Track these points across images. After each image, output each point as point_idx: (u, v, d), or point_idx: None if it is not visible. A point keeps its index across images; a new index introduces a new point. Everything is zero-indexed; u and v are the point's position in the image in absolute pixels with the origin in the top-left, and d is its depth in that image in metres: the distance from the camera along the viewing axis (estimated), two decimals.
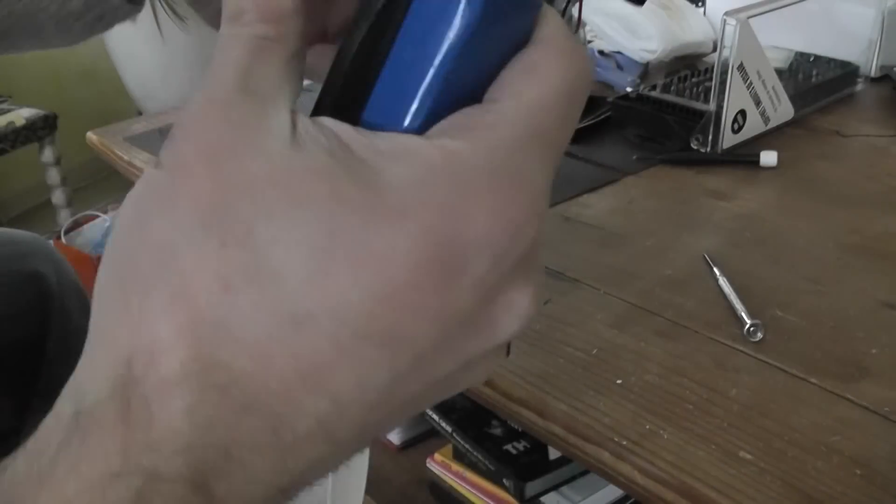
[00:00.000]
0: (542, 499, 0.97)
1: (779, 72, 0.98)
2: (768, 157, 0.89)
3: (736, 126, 0.93)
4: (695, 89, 1.02)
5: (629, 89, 1.09)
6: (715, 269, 0.68)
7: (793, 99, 0.99)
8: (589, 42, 1.41)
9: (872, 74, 1.11)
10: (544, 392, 0.57)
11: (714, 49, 1.28)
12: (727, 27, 0.88)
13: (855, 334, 0.60)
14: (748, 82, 0.92)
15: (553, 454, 0.98)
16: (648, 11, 1.26)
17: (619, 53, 1.30)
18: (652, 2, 1.28)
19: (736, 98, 0.91)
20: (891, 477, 0.46)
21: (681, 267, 0.71)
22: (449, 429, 1.06)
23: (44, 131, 2.34)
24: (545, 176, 0.22)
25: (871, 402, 0.52)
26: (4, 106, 2.35)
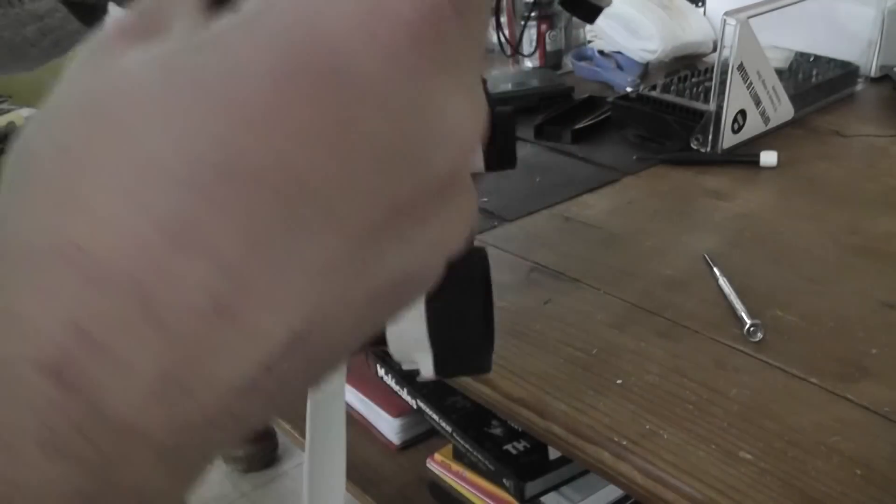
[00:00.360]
0: (542, 499, 0.97)
1: (779, 72, 0.98)
2: (768, 157, 0.89)
3: (736, 126, 0.93)
4: (695, 89, 1.02)
5: (629, 89, 1.09)
6: (715, 269, 0.68)
7: (793, 99, 0.99)
8: (589, 42, 1.42)
9: (872, 74, 1.11)
10: (544, 392, 0.57)
11: (714, 49, 1.28)
12: (727, 27, 0.88)
13: (855, 334, 0.60)
14: (748, 82, 0.92)
15: (553, 454, 0.98)
16: (648, 11, 1.26)
17: (619, 53, 1.30)
18: (652, 2, 1.28)
19: (736, 98, 0.91)
20: (891, 477, 0.46)
21: (681, 267, 0.71)
22: (449, 429, 1.06)
23: None
24: None
25: (871, 402, 0.52)
26: (4, 106, 2.35)
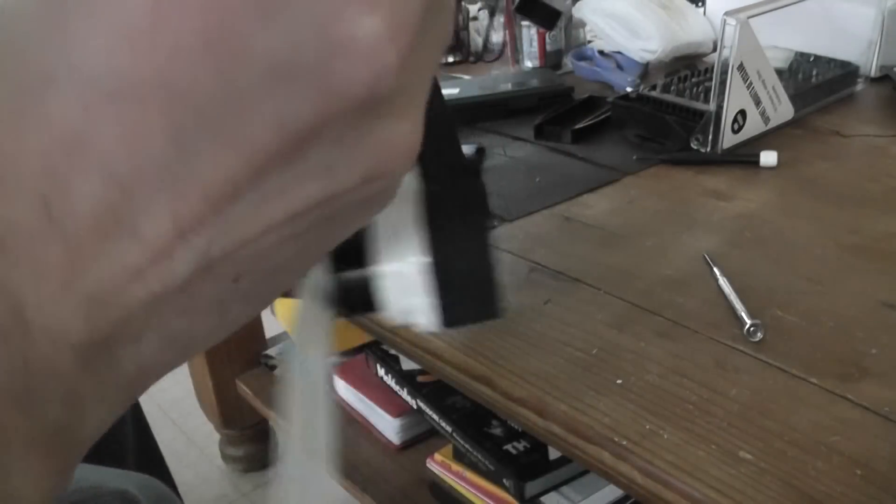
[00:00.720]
0: (542, 499, 0.97)
1: (779, 72, 0.98)
2: (768, 157, 0.89)
3: (736, 126, 0.93)
4: (695, 89, 1.02)
5: (629, 89, 1.09)
6: (715, 269, 0.68)
7: (793, 99, 0.99)
8: (589, 42, 1.42)
9: (872, 74, 1.11)
10: (544, 392, 0.57)
11: (714, 49, 1.28)
12: (727, 27, 0.88)
13: (855, 334, 0.60)
14: (748, 82, 0.92)
15: (553, 454, 0.98)
16: (648, 11, 1.26)
17: (619, 53, 1.30)
18: (652, 2, 1.28)
19: (736, 98, 0.91)
20: (891, 477, 0.46)
21: (681, 267, 0.71)
22: (449, 429, 1.06)
23: None
24: None
25: (871, 402, 0.52)
26: None
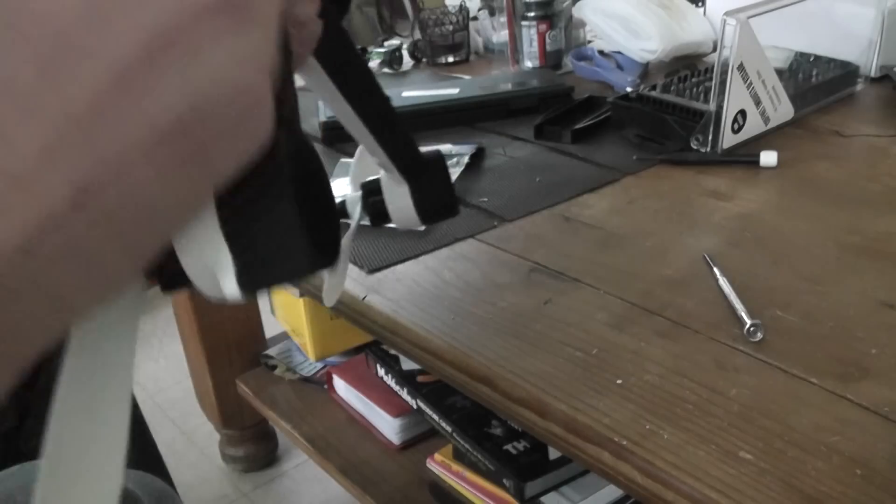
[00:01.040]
0: (542, 499, 0.97)
1: (779, 72, 0.98)
2: (768, 157, 0.89)
3: (736, 126, 0.93)
4: (695, 89, 1.02)
5: (629, 89, 1.09)
6: (715, 269, 0.68)
7: (793, 99, 0.99)
8: (589, 42, 1.42)
9: (872, 74, 1.11)
10: (544, 392, 0.57)
11: (714, 49, 1.28)
12: (727, 27, 0.88)
13: (855, 334, 0.60)
14: (748, 82, 0.92)
15: (553, 454, 0.98)
16: (648, 11, 1.26)
17: (619, 53, 1.30)
18: (652, 2, 1.28)
19: (736, 98, 0.91)
20: (891, 477, 0.46)
21: (681, 267, 0.71)
22: (449, 429, 1.06)
23: None
24: None
25: (871, 402, 0.52)
26: None
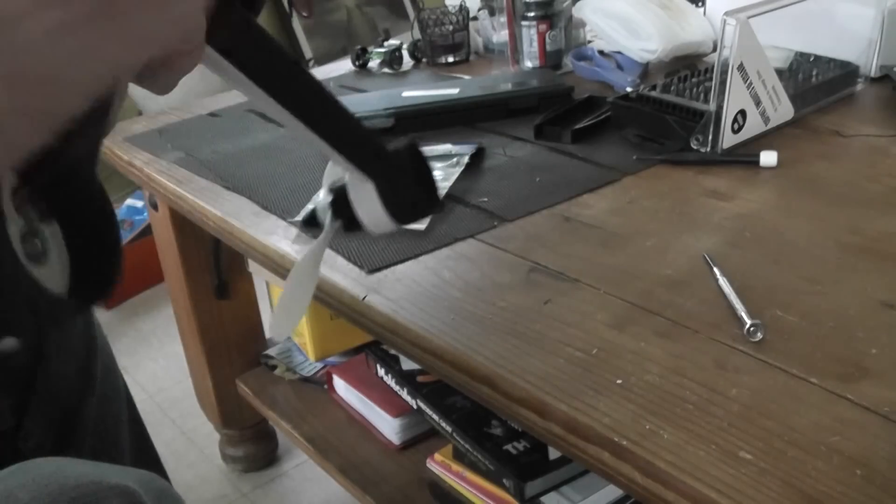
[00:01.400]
0: (542, 499, 0.97)
1: (779, 72, 0.98)
2: (768, 157, 0.89)
3: (736, 126, 0.93)
4: (695, 89, 1.02)
5: (629, 89, 1.09)
6: (715, 269, 0.68)
7: (793, 99, 0.99)
8: (589, 42, 1.42)
9: (872, 74, 1.11)
10: (544, 392, 0.57)
11: (714, 49, 1.28)
12: (727, 27, 0.88)
13: (855, 334, 0.60)
14: (748, 82, 0.92)
15: (553, 454, 0.98)
16: (648, 11, 1.26)
17: (619, 53, 1.30)
18: (652, 2, 1.28)
19: (736, 98, 0.91)
20: (891, 477, 0.46)
21: (681, 267, 0.71)
22: (449, 429, 1.06)
23: None
24: None
25: (871, 402, 0.52)
26: None
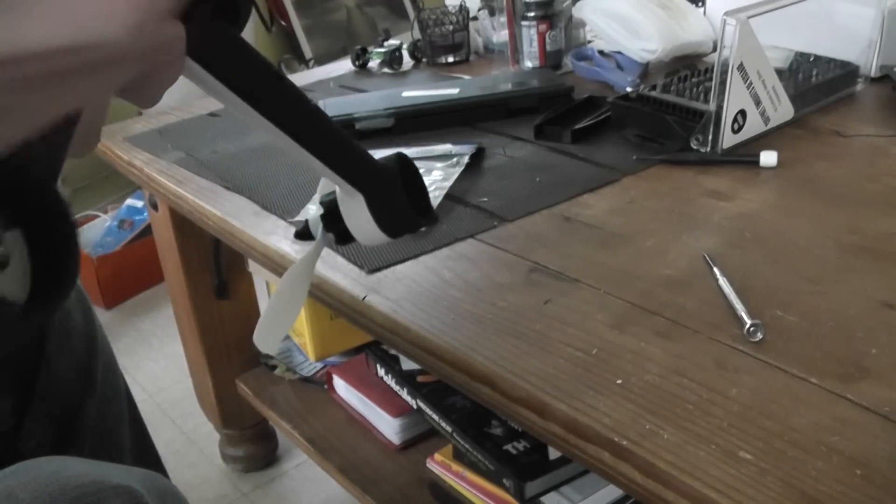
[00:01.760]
0: (542, 499, 0.97)
1: (779, 72, 0.98)
2: (768, 157, 0.89)
3: (736, 126, 0.93)
4: (695, 89, 1.02)
5: (629, 89, 1.09)
6: (715, 269, 0.68)
7: (793, 99, 0.99)
8: (589, 42, 1.42)
9: (872, 74, 1.11)
10: (544, 392, 0.57)
11: (714, 49, 1.28)
12: (727, 27, 0.88)
13: (855, 334, 0.60)
14: (748, 82, 0.92)
15: (553, 454, 0.98)
16: (648, 11, 1.26)
17: (619, 53, 1.30)
18: (652, 2, 1.28)
19: (736, 98, 0.91)
20: (891, 477, 0.46)
21: (681, 267, 0.71)
22: (449, 429, 1.06)
23: None
24: None
25: (871, 402, 0.52)
26: None
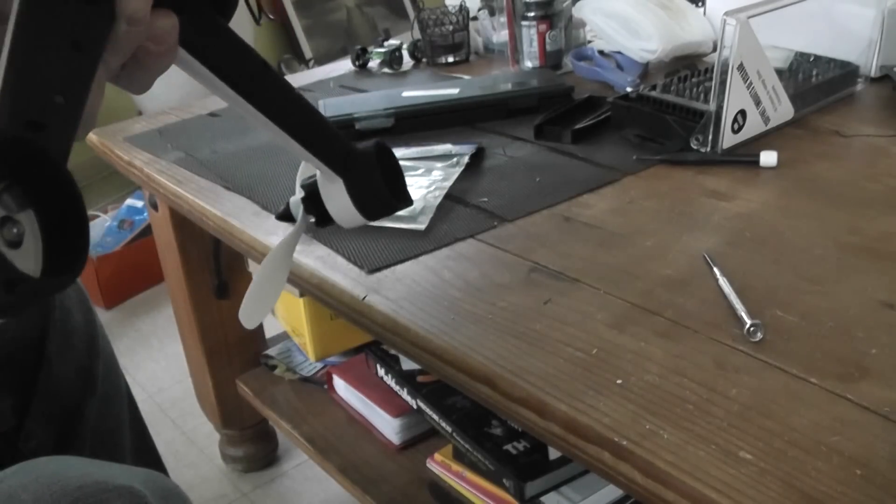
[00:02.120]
0: (542, 499, 0.97)
1: (779, 72, 0.98)
2: (768, 157, 0.89)
3: (736, 126, 0.93)
4: (695, 89, 1.02)
5: (629, 89, 1.09)
6: (715, 269, 0.68)
7: (793, 99, 0.99)
8: (589, 42, 1.42)
9: (872, 74, 1.11)
10: (544, 392, 0.57)
11: (714, 49, 1.28)
12: (727, 27, 0.88)
13: (855, 334, 0.60)
14: (748, 82, 0.92)
15: (553, 454, 0.98)
16: (648, 11, 1.26)
17: (619, 53, 1.30)
18: (652, 2, 1.28)
19: (736, 98, 0.91)
20: (891, 477, 0.46)
21: (681, 267, 0.71)
22: (449, 429, 1.06)
23: None
24: None
25: (871, 402, 0.52)
26: None
